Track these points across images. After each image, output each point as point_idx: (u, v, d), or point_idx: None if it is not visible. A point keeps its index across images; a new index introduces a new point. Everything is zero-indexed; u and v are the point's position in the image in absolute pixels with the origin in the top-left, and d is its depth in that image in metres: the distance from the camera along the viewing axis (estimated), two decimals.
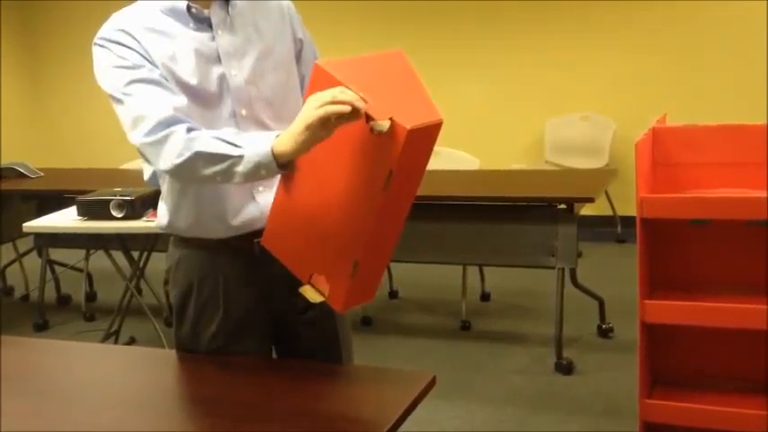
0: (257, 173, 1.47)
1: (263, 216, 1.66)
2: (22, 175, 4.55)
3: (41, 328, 4.32)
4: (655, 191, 2.45)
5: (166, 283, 1.83)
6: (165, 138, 1.53)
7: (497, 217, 3.58)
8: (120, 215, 3.21)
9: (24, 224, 3.43)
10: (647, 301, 2.36)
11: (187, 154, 1.50)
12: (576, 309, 3.81)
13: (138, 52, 1.60)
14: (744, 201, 2.23)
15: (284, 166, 1.46)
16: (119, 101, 1.59)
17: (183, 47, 1.63)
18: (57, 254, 4.61)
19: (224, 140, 1.49)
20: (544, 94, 5.84)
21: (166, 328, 3.98)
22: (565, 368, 3.46)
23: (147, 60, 1.60)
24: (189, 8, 1.65)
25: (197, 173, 1.52)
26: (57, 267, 4.76)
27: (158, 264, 4.16)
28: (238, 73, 1.67)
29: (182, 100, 1.59)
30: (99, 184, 3.64)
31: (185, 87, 1.62)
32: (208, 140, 1.50)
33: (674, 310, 2.32)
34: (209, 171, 1.50)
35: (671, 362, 2.56)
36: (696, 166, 2.47)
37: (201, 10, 1.66)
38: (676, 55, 5.44)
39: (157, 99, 1.56)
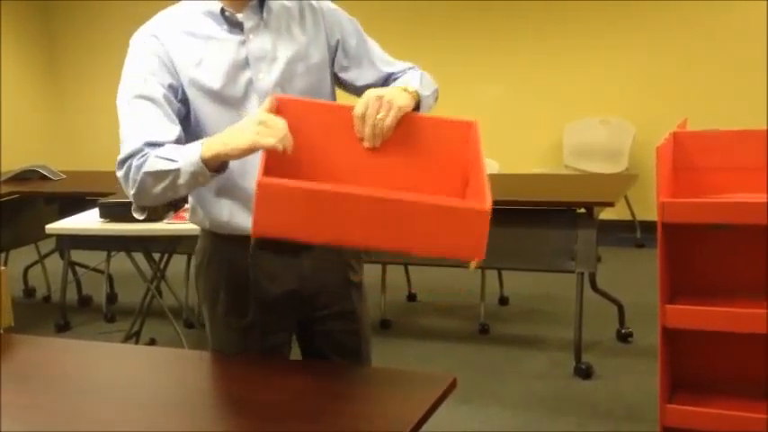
0: (196, 181, 1.55)
1: None
2: (44, 178, 4.61)
3: (63, 328, 4.36)
4: (676, 195, 2.44)
5: (198, 277, 1.85)
6: (127, 171, 1.60)
7: (516, 221, 3.58)
8: (141, 217, 3.24)
9: (47, 226, 3.47)
10: (668, 306, 2.34)
11: (138, 178, 1.58)
12: (596, 313, 3.80)
13: (159, 59, 1.65)
14: (761, 206, 2.22)
15: (217, 170, 1.54)
16: (119, 111, 1.67)
17: (212, 51, 1.67)
18: (78, 255, 4.65)
19: (163, 158, 1.55)
20: (563, 98, 5.83)
21: (186, 329, 4.01)
22: (584, 372, 3.45)
23: (164, 71, 1.64)
24: (223, 11, 1.68)
25: (150, 192, 1.59)
26: (78, 269, 4.80)
27: (179, 266, 4.22)
28: (266, 76, 1.69)
29: (169, 132, 1.62)
30: (120, 187, 3.67)
31: (209, 92, 1.66)
32: (152, 161, 1.57)
33: (695, 316, 2.31)
34: (158, 189, 1.58)
35: (691, 367, 2.54)
36: (718, 170, 2.46)
37: (234, 13, 1.69)
38: (697, 58, 5.42)
39: (139, 127, 1.61)
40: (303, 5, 1.77)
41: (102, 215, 3.33)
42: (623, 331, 3.83)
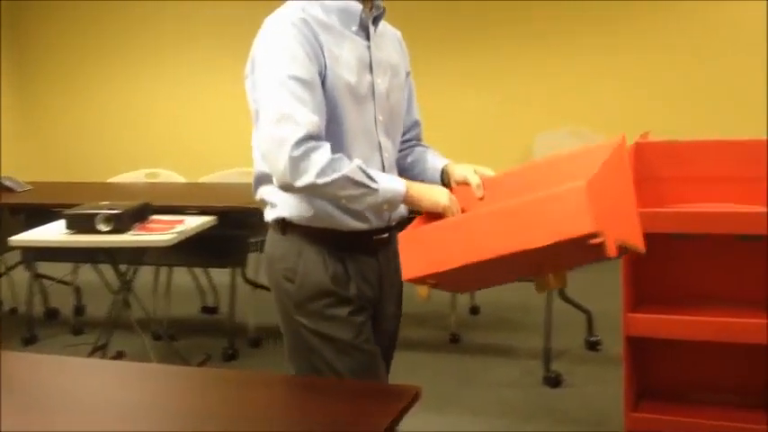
0: (380, 206, 1.71)
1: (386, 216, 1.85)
2: (8, 189, 4.54)
3: (29, 341, 4.30)
4: (638, 205, 2.46)
5: (288, 280, 1.82)
6: (308, 154, 1.63)
7: None
8: (107, 229, 3.20)
9: (11, 238, 3.42)
10: (630, 315, 2.37)
11: (333, 175, 1.64)
12: (565, 322, 3.82)
13: (310, 45, 1.71)
14: (725, 215, 2.25)
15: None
16: (273, 86, 1.68)
17: (345, 48, 1.77)
18: (45, 267, 4.59)
19: (365, 172, 1.67)
20: (533, 109, 5.86)
21: (154, 341, 3.98)
22: (553, 381, 3.46)
23: (316, 56, 1.71)
24: (362, 13, 1.79)
25: (331, 191, 1.66)
26: (44, 281, 4.74)
27: (146, 277, 4.18)
28: (381, 82, 1.84)
29: (323, 120, 1.69)
30: (87, 198, 3.63)
31: (347, 85, 1.75)
32: (353, 168, 1.66)
33: (657, 324, 2.33)
34: (343, 193, 1.67)
35: (658, 375, 2.56)
36: (679, 180, 2.49)
37: (368, 19, 1.82)
38: (668, 71, 5.48)
39: (309, 108, 1.66)
40: (393, 33, 1.97)
41: (69, 226, 3.29)
42: (592, 339, 3.86)
